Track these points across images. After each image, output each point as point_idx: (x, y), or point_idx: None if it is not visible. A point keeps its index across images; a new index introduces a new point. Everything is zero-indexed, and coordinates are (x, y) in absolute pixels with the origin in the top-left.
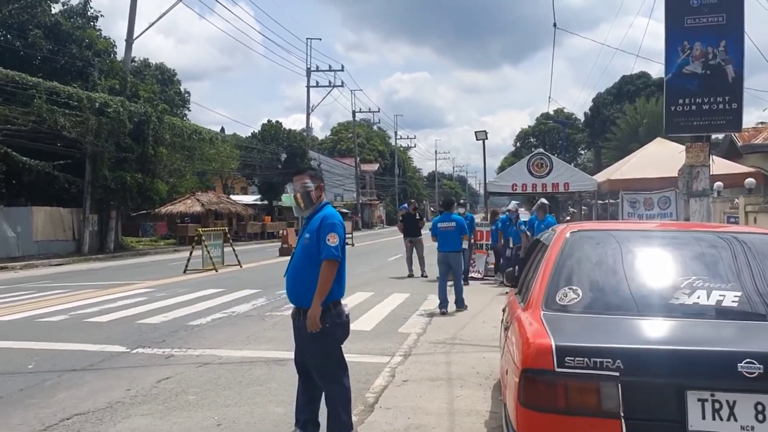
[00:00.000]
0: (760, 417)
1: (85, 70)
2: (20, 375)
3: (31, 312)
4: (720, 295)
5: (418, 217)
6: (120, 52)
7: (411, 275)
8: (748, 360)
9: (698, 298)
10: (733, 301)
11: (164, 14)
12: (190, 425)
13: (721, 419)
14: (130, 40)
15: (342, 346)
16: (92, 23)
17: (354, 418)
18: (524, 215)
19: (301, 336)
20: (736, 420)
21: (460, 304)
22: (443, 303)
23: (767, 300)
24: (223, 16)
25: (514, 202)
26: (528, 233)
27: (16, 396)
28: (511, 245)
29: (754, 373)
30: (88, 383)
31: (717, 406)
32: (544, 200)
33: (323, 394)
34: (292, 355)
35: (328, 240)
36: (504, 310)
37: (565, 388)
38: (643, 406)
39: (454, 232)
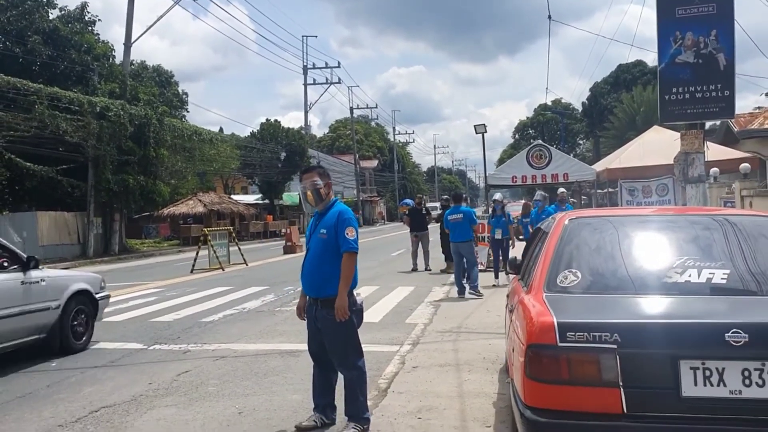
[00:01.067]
0: (747, 382)
1: (85, 74)
2: (45, 372)
3: None
4: (710, 273)
5: (424, 212)
6: (118, 56)
7: (415, 269)
8: (734, 330)
9: (690, 276)
10: (722, 278)
11: (162, 16)
12: (213, 413)
13: (712, 385)
14: (128, 44)
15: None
16: (90, 28)
17: (369, 402)
18: (516, 206)
19: (320, 325)
20: (725, 385)
21: (476, 291)
22: (461, 290)
23: (754, 277)
24: (216, 16)
25: (498, 193)
26: (515, 226)
27: (44, 392)
28: (499, 236)
29: (740, 341)
30: (111, 378)
31: (708, 373)
32: (543, 193)
33: (338, 379)
34: (304, 346)
35: (347, 234)
36: (508, 296)
37: (567, 361)
38: (639, 376)
39: (463, 223)
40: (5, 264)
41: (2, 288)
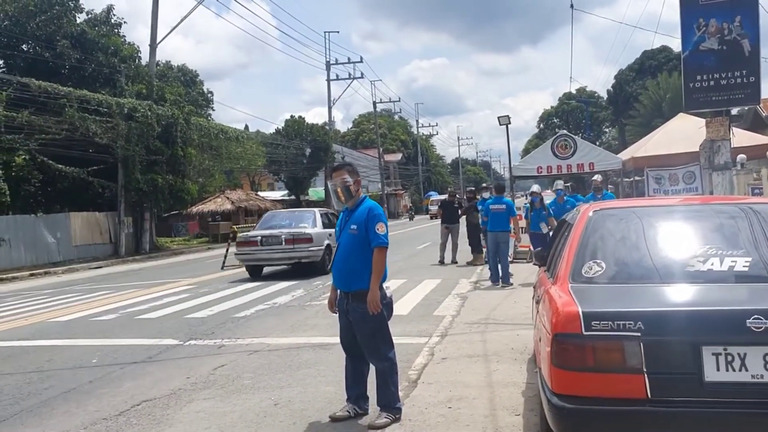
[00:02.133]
0: None
1: (112, 76)
2: (86, 369)
3: (85, 312)
4: (732, 261)
5: (456, 204)
6: (144, 57)
7: (442, 262)
8: (756, 316)
9: (712, 264)
10: (744, 266)
11: (186, 16)
12: (249, 405)
13: (734, 370)
14: (153, 45)
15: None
16: (116, 30)
17: (400, 393)
18: (549, 196)
19: (351, 318)
20: (747, 370)
21: (507, 280)
22: (495, 278)
23: None
24: (239, 13)
25: (536, 185)
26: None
27: (87, 387)
28: (544, 230)
29: (762, 327)
30: (150, 374)
31: (730, 358)
32: (562, 182)
33: (370, 370)
34: (335, 340)
35: (378, 229)
36: (535, 287)
37: (593, 348)
38: (663, 362)
39: (504, 214)
40: None
41: None
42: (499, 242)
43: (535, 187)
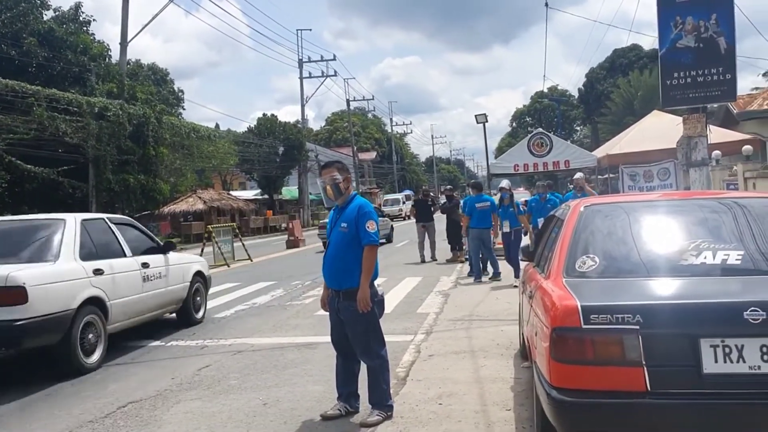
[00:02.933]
0: (766, 357)
1: (82, 75)
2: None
3: None
4: (724, 255)
5: (430, 202)
6: (114, 56)
7: (423, 260)
8: (752, 308)
9: (705, 258)
10: (736, 259)
11: (157, 14)
12: (238, 406)
13: (732, 362)
14: (124, 43)
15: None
16: (85, 28)
17: (390, 390)
18: (524, 195)
19: (342, 316)
20: (744, 361)
21: (497, 275)
22: (478, 274)
23: (766, 257)
24: (209, 11)
25: (506, 180)
26: (528, 215)
27: (70, 389)
28: (507, 229)
29: (758, 319)
30: (134, 375)
31: (727, 350)
32: (543, 182)
33: (361, 368)
34: (319, 339)
35: (368, 227)
36: (524, 283)
37: (592, 342)
38: (662, 354)
39: (488, 211)
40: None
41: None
42: (483, 239)
43: (504, 183)
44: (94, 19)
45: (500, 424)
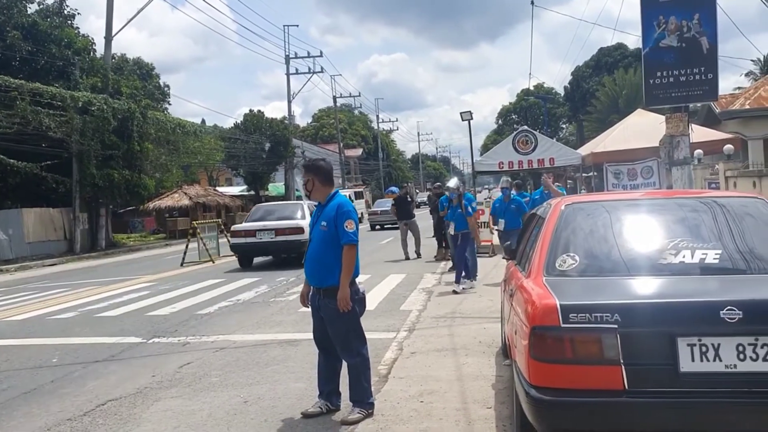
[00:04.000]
0: (741, 356)
1: (66, 69)
2: (47, 368)
3: (41, 311)
4: (703, 254)
5: (409, 199)
6: (99, 50)
7: (407, 257)
8: (729, 307)
9: (684, 257)
10: (714, 258)
11: (143, 8)
12: (218, 403)
13: (708, 360)
14: (109, 37)
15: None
16: (69, 22)
17: (371, 388)
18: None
19: (323, 314)
20: (720, 360)
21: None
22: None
23: (744, 256)
24: (195, 5)
25: (454, 179)
26: (475, 215)
27: (49, 387)
28: (453, 231)
29: (735, 318)
30: (114, 372)
31: (704, 349)
32: (509, 179)
33: (343, 366)
34: (302, 336)
35: (346, 227)
36: (505, 281)
37: (570, 341)
38: (639, 353)
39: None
40: None
41: None
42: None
43: (453, 182)
44: (78, 13)
45: (481, 422)
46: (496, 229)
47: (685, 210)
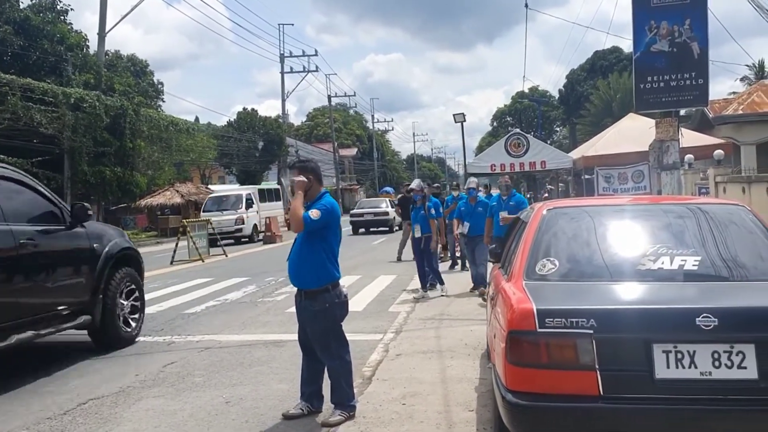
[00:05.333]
0: (716, 363)
1: (58, 65)
2: (30, 366)
3: None
4: (682, 260)
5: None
6: (92, 46)
7: (399, 259)
8: (704, 315)
9: (662, 263)
10: (693, 265)
11: (137, 5)
12: (200, 404)
13: (684, 367)
14: (102, 34)
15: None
16: (62, 17)
17: (353, 391)
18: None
19: (304, 315)
20: (696, 367)
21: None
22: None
23: (725, 263)
24: (190, 3)
25: (417, 180)
26: (438, 220)
27: (31, 385)
28: (418, 234)
29: (710, 326)
30: (97, 371)
31: (679, 356)
32: (476, 179)
33: (326, 368)
34: (288, 337)
35: (311, 213)
36: (489, 284)
37: (546, 345)
38: (615, 359)
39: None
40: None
41: None
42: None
43: (415, 183)
44: (71, 9)
45: (461, 425)
46: (460, 233)
47: (666, 216)
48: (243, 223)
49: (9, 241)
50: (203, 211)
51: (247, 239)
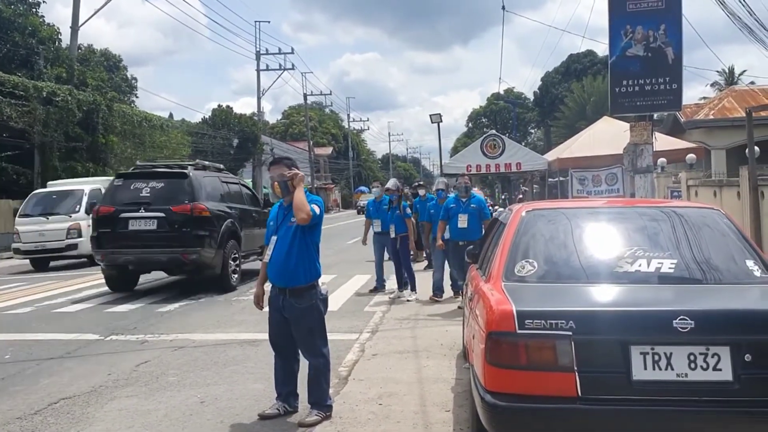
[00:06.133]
0: (692, 365)
1: (30, 58)
2: None
3: None
4: (659, 263)
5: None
6: (65, 40)
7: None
8: (681, 317)
9: (640, 266)
10: (670, 268)
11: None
12: (174, 403)
13: (660, 369)
14: (75, 27)
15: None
16: (34, 10)
17: (330, 390)
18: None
19: (288, 314)
20: (672, 369)
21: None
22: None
23: (700, 266)
24: None
25: (394, 180)
26: (413, 219)
27: (0, 384)
28: (393, 234)
29: (687, 328)
30: (68, 370)
31: (656, 357)
32: (445, 180)
33: (300, 367)
34: (263, 335)
35: (314, 207)
36: (467, 285)
37: (526, 347)
38: (593, 361)
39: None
40: None
41: None
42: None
43: (391, 183)
44: (44, 1)
45: (438, 425)
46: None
47: (643, 219)
48: (79, 236)
49: (248, 214)
50: (19, 216)
51: (85, 259)
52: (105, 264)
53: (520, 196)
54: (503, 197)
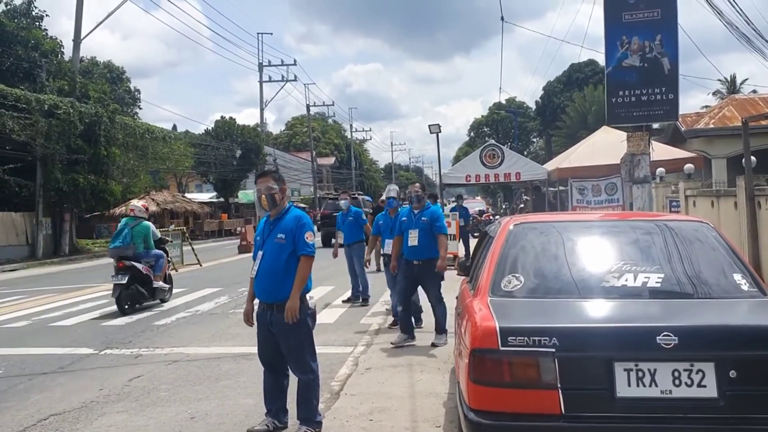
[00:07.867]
0: (677, 382)
1: (32, 71)
2: None
3: None
4: (645, 277)
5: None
6: (67, 52)
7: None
8: (665, 333)
9: (626, 280)
10: (656, 282)
11: (113, 12)
12: (164, 419)
13: (645, 386)
14: (77, 40)
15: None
16: (37, 23)
17: (321, 406)
18: (479, 204)
19: (275, 330)
20: (656, 385)
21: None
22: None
23: (689, 280)
24: (168, 11)
25: (395, 187)
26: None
27: None
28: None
29: (671, 344)
30: (60, 385)
31: (640, 374)
32: (396, 187)
33: (289, 383)
34: (257, 349)
35: (307, 238)
36: (457, 298)
37: (509, 364)
38: (576, 378)
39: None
40: None
41: None
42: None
43: (392, 190)
44: (47, 15)
45: None
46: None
47: (630, 233)
48: None
49: None
50: None
51: None
52: None
53: (522, 205)
54: (504, 207)
